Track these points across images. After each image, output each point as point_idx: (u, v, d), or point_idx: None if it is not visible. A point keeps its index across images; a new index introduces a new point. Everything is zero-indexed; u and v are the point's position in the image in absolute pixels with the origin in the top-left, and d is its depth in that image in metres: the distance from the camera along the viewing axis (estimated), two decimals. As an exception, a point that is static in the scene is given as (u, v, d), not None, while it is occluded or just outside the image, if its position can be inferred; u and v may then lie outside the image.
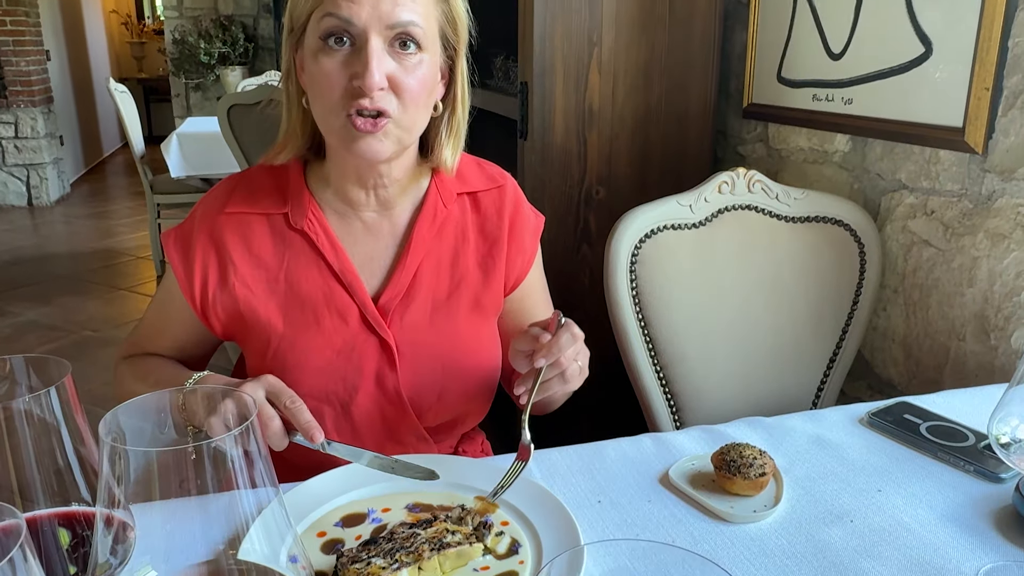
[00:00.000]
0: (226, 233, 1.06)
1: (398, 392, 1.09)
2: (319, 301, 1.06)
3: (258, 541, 0.56)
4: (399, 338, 1.08)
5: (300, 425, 0.89)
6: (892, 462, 1.04)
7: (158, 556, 0.55)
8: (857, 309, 1.56)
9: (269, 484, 0.55)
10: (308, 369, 1.05)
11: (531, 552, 0.85)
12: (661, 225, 1.47)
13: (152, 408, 0.53)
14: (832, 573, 0.83)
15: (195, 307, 1.07)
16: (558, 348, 0.95)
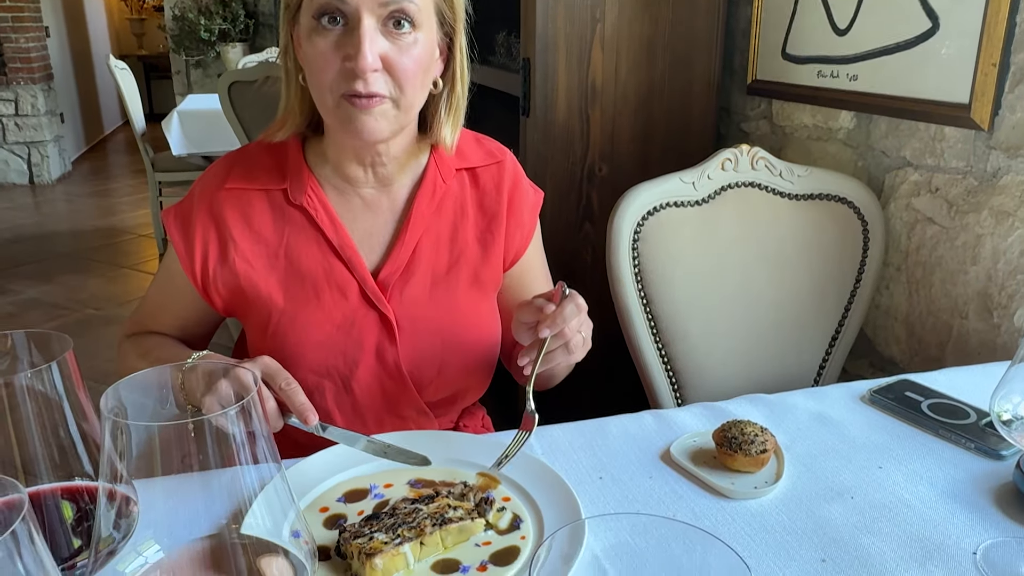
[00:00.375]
0: (226, 209, 1.06)
1: (398, 366, 1.09)
2: (319, 276, 1.06)
3: (261, 516, 0.56)
4: (399, 313, 1.08)
5: (295, 407, 0.89)
6: (893, 439, 1.04)
7: (161, 531, 0.55)
8: (860, 287, 1.55)
9: (271, 460, 0.55)
10: (308, 344, 1.06)
11: (532, 528, 0.85)
12: (664, 202, 1.46)
13: (154, 384, 0.53)
14: (832, 549, 0.83)
15: (196, 284, 1.07)
16: (562, 319, 0.95)
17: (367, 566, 0.75)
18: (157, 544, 0.55)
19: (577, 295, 0.99)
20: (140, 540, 0.55)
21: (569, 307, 0.96)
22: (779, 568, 0.80)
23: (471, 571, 0.78)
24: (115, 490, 0.53)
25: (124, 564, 0.54)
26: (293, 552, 0.58)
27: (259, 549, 0.57)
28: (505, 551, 0.81)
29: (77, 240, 5.13)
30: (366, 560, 0.75)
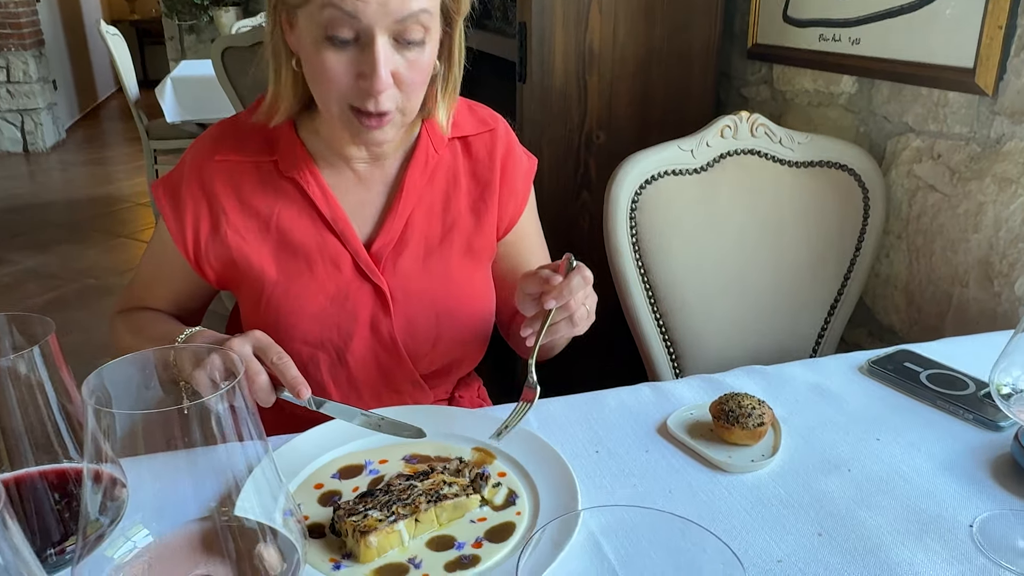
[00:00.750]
0: (216, 182, 1.04)
1: (392, 338, 1.08)
2: (311, 249, 1.05)
3: (251, 498, 0.56)
4: (392, 284, 1.07)
5: (287, 381, 0.88)
6: (891, 411, 1.03)
7: (149, 515, 0.55)
8: (860, 255, 1.54)
9: (257, 438, 0.54)
10: (302, 316, 1.05)
11: (528, 503, 0.85)
12: (662, 171, 1.44)
13: (137, 366, 0.52)
14: (828, 523, 0.83)
15: (188, 257, 1.06)
16: (569, 291, 0.93)
17: (362, 544, 0.75)
18: (146, 528, 0.55)
19: (584, 267, 0.97)
20: (129, 525, 0.54)
21: (576, 279, 0.94)
22: (775, 542, 0.80)
23: (466, 547, 0.78)
24: (101, 471, 0.52)
25: (113, 550, 0.53)
26: (284, 533, 0.57)
27: (249, 531, 0.56)
28: (500, 527, 0.81)
29: (73, 209, 5.10)
30: (361, 538, 0.75)
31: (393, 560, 0.76)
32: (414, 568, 0.75)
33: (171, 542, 0.55)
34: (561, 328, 0.97)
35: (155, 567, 0.54)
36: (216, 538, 0.55)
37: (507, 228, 1.16)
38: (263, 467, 0.55)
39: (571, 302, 0.94)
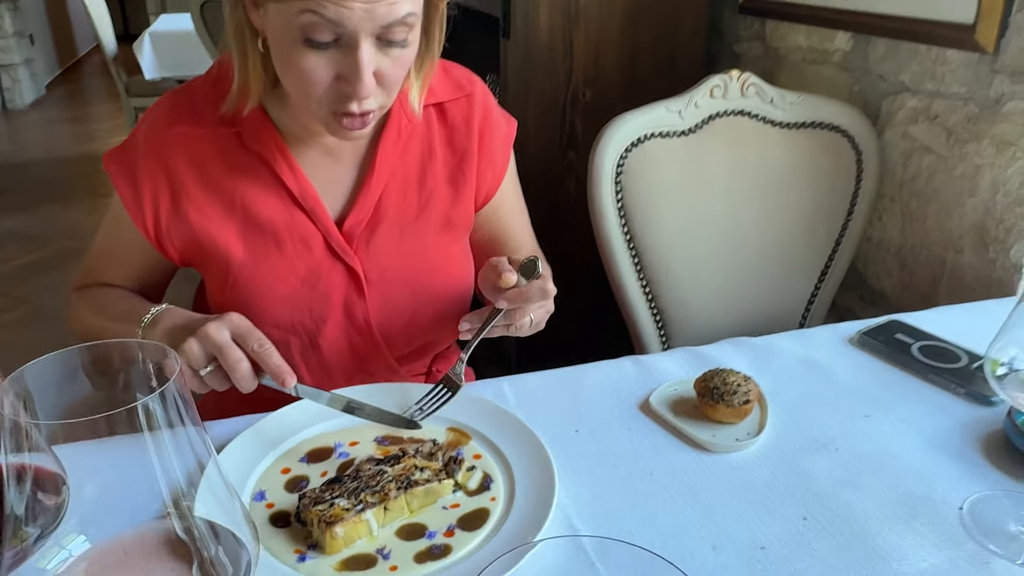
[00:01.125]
0: (174, 155, 0.98)
1: (367, 321, 1.04)
2: (280, 227, 0.99)
3: (195, 497, 0.52)
4: (366, 265, 1.02)
5: (270, 369, 0.84)
6: (881, 385, 1.00)
7: (86, 519, 0.51)
8: (852, 219, 1.50)
9: (198, 434, 0.50)
10: (272, 298, 1.00)
11: (503, 488, 0.81)
12: (648, 133, 1.39)
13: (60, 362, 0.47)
14: (814, 505, 0.80)
15: (149, 237, 1.00)
16: (525, 299, 0.91)
17: (327, 535, 0.72)
18: (83, 535, 0.51)
19: (548, 279, 0.94)
20: (63, 531, 0.51)
21: (535, 290, 0.92)
22: (758, 527, 0.77)
23: (437, 536, 0.75)
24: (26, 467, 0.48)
25: (45, 561, 0.50)
26: (234, 533, 0.54)
27: (196, 533, 0.52)
28: (474, 514, 0.78)
29: (54, 168, 4.99)
30: (326, 528, 0.72)
31: (361, 551, 0.73)
32: (383, 559, 0.72)
33: (111, 548, 0.51)
34: (497, 331, 0.94)
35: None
36: (160, 542, 0.52)
37: (486, 198, 1.11)
38: (207, 463, 0.51)
39: (519, 312, 0.92)
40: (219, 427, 0.91)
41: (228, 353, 0.83)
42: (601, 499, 0.81)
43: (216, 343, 0.83)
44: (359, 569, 0.71)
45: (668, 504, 0.81)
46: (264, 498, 0.79)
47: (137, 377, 0.48)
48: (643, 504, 0.81)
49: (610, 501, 0.81)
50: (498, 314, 0.92)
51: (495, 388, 0.99)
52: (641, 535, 0.76)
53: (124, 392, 0.48)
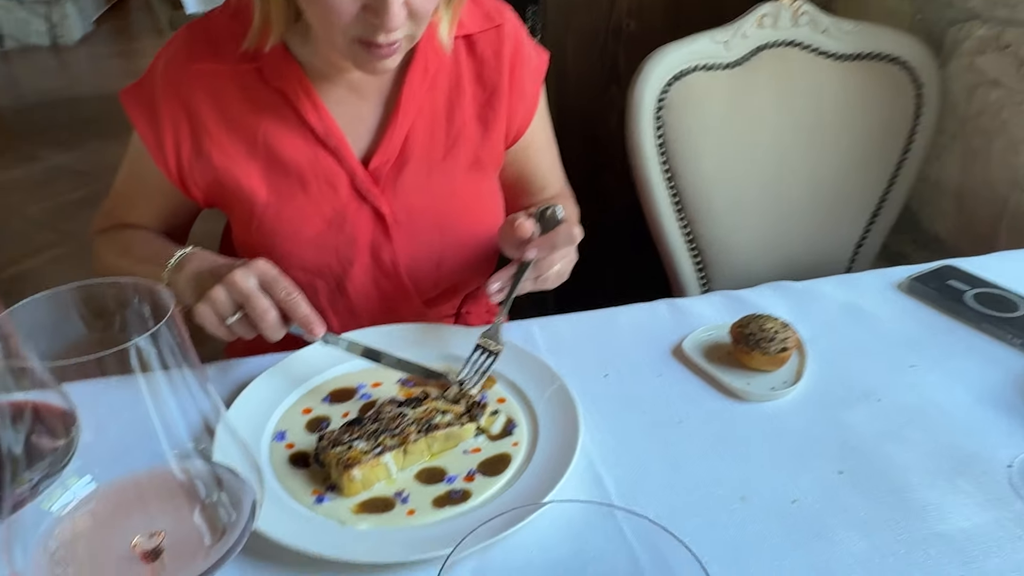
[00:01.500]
0: (194, 93, 0.94)
1: (395, 264, 1.01)
2: (304, 167, 0.96)
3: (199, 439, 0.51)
4: (393, 206, 0.99)
5: (299, 319, 0.81)
6: (930, 333, 0.95)
7: (90, 459, 0.50)
8: (908, 158, 1.41)
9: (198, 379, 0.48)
10: (297, 241, 0.97)
11: (527, 433, 0.79)
12: (692, 65, 1.31)
13: (53, 303, 0.46)
14: (851, 459, 0.76)
15: (172, 177, 0.97)
16: (552, 246, 0.88)
17: (345, 477, 0.71)
18: (88, 475, 0.51)
19: (573, 223, 0.90)
20: (66, 474, 0.50)
21: (562, 235, 0.88)
22: (791, 480, 0.74)
23: (457, 481, 0.73)
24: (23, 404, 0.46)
25: (50, 502, 0.49)
26: (240, 477, 0.52)
27: (201, 475, 0.51)
28: (495, 459, 0.76)
29: (103, 104, 5.01)
30: (344, 471, 0.71)
31: (379, 494, 0.72)
32: (401, 503, 0.71)
33: (115, 491, 0.51)
34: (526, 286, 0.90)
35: (102, 519, 0.50)
36: (163, 485, 0.51)
37: (516, 136, 1.06)
38: (206, 406, 0.50)
39: (546, 262, 0.89)
40: (244, 366, 0.91)
41: (255, 302, 0.80)
42: (627, 446, 0.79)
43: (243, 291, 0.80)
44: (377, 512, 0.70)
45: (697, 453, 0.78)
46: (284, 438, 0.79)
47: (133, 319, 0.47)
48: (670, 452, 0.78)
49: (636, 448, 0.79)
50: (526, 267, 0.88)
51: (524, 330, 0.97)
52: (667, 484, 0.74)
53: (120, 334, 0.47)
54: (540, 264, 0.89)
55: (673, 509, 0.71)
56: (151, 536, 0.50)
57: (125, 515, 0.50)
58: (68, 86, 5.44)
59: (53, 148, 4.24)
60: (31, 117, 4.75)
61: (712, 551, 0.67)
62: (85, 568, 0.49)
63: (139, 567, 0.49)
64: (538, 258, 0.88)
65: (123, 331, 0.47)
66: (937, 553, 0.66)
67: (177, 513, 0.50)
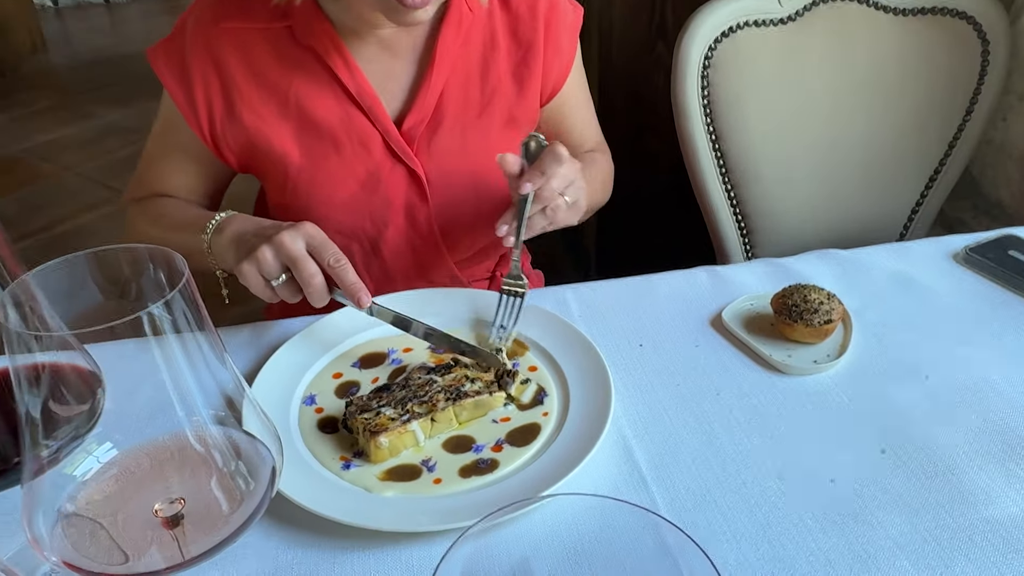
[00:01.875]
0: (224, 51, 0.92)
1: (430, 226, 1.00)
2: (336, 128, 0.94)
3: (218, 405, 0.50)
4: (428, 166, 0.97)
5: (346, 287, 0.80)
6: (987, 307, 0.90)
7: (110, 425, 0.50)
8: (971, 119, 1.34)
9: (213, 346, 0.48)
10: (332, 204, 0.96)
11: (557, 402, 0.78)
12: (742, 21, 1.26)
13: (67, 269, 0.45)
14: (895, 438, 0.73)
15: (205, 139, 0.96)
16: (542, 171, 0.85)
17: (372, 444, 0.70)
18: (108, 442, 0.51)
19: (558, 144, 0.87)
20: (89, 438, 0.50)
21: (548, 157, 0.85)
22: (830, 457, 0.71)
23: (485, 451, 0.73)
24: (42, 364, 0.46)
25: (72, 467, 0.49)
26: (259, 442, 0.52)
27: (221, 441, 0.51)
28: (524, 429, 0.75)
29: (154, 62, 5.08)
30: (371, 438, 0.70)
31: (406, 462, 0.72)
32: (427, 471, 0.71)
33: (136, 457, 0.51)
34: (536, 221, 0.87)
35: (124, 485, 0.50)
36: (180, 453, 0.51)
37: (551, 93, 1.03)
38: (223, 374, 0.49)
39: (544, 190, 0.85)
40: (279, 327, 0.91)
41: (304, 266, 0.79)
42: (661, 418, 0.77)
43: (291, 254, 0.79)
44: (403, 480, 0.70)
45: (733, 427, 0.75)
46: (314, 402, 0.79)
47: (149, 286, 0.46)
48: (705, 426, 0.76)
49: (670, 421, 0.77)
50: (525, 201, 0.86)
51: (558, 297, 0.95)
52: (700, 458, 0.72)
53: (136, 302, 0.46)
54: (541, 195, 0.86)
55: (706, 485, 0.69)
56: (171, 502, 0.50)
57: (146, 481, 0.51)
58: (120, 43, 5.51)
59: (106, 105, 4.30)
60: (85, 74, 4.83)
61: (744, 530, 0.65)
62: (108, 533, 0.49)
63: (161, 532, 0.49)
64: (533, 188, 0.85)
65: (139, 299, 0.46)
66: (983, 540, 0.63)
67: (196, 480, 0.50)
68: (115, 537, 0.49)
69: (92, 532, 0.48)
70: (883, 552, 0.63)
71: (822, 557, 0.62)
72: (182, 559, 0.47)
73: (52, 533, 0.46)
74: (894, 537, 0.64)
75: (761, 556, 0.63)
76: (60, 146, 3.79)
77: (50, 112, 4.24)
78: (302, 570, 0.63)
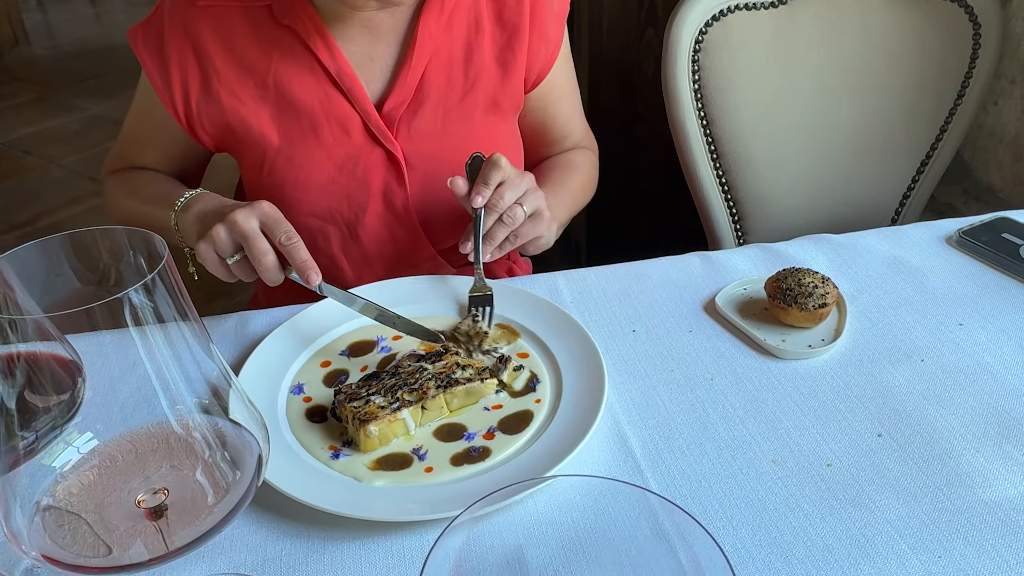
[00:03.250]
0: (203, 30, 0.91)
1: (408, 211, 0.98)
2: (316, 110, 0.93)
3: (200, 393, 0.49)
4: (407, 150, 0.96)
5: (296, 264, 0.80)
6: (980, 290, 0.90)
7: (89, 417, 0.49)
8: (962, 104, 1.33)
9: (196, 330, 0.46)
10: (309, 187, 0.95)
11: (550, 389, 0.77)
12: (732, 5, 1.24)
13: (42, 255, 0.44)
14: (891, 421, 0.72)
15: (180, 120, 0.95)
16: (484, 181, 0.85)
17: (362, 432, 0.69)
18: (89, 432, 0.49)
19: (501, 156, 0.87)
20: (68, 429, 0.49)
21: (488, 168, 0.86)
22: (826, 441, 0.71)
23: (477, 438, 0.71)
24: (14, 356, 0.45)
25: (51, 458, 0.48)
26: (243, 429, 0.50)
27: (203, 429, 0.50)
28: (516, 416, 0.74)
29: (138, 53, 5.02)
30: (361, 426, 0.69)
31: (397, 450, 0.70)
32: (418, 460, 0.69)
33: (117, 448, 0.49)
34: (496, 232, 0.87)
35: (106, 476, 0.49)
36: (163, 442, 0.49)
37: (536, 80, 1.01)
38: (206, 362, 0.48)
39: (494, 199, 0.86)
40: (264, 317, 0.89)
41: (255, 243, 0.79)
42: (654, 404, 0.76)
43: (243, 232, 0.79)
44: (393, 469, 0.68)
45: (728, 412, 0.75)
46: (302, 391, 0.77)
47: (128, 272, 0.44)
48: (700, 411, 0.75)
49: (664, 407, 0.76)
50: (479, 215, 0.87)
51: (549, 283, 0.94)
52: (695, 444, 0.71)
53: (115, 288, 0.45)
54: (494, 205, 0.86)
55: (700, 471, 0.68)
56: (155, 493, 0.48)
57: (128, 472, 0.49)
58: (104, 34, 5.45)
59: (90, 97, 4.25)
60: (68, 66, 4.77)
61: (740, 516, 0.64)
62: (89, 525, 0.48)
63: (144, 524, 0.48)
64: (484, 201, 0.85)
65: (118, 285, 0.45)
66: (981, 522, 0.62)
67: (179, 470, 0.49)
68: (96, 529, 0.47)
69: (72, 525, 0.47)
70: (881, 536, 0.62)
71: (819, 542, 0.62)
72: (166, 550, 0.45)
73: (30, 527, 0.45)
74: (892, 521, 0.63)
75: (758, 542, 0.62)
76: (44, 139, 3.75)
77: (33, 104, 4.19)
78: (292, 561, 0.62)
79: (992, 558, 0.60)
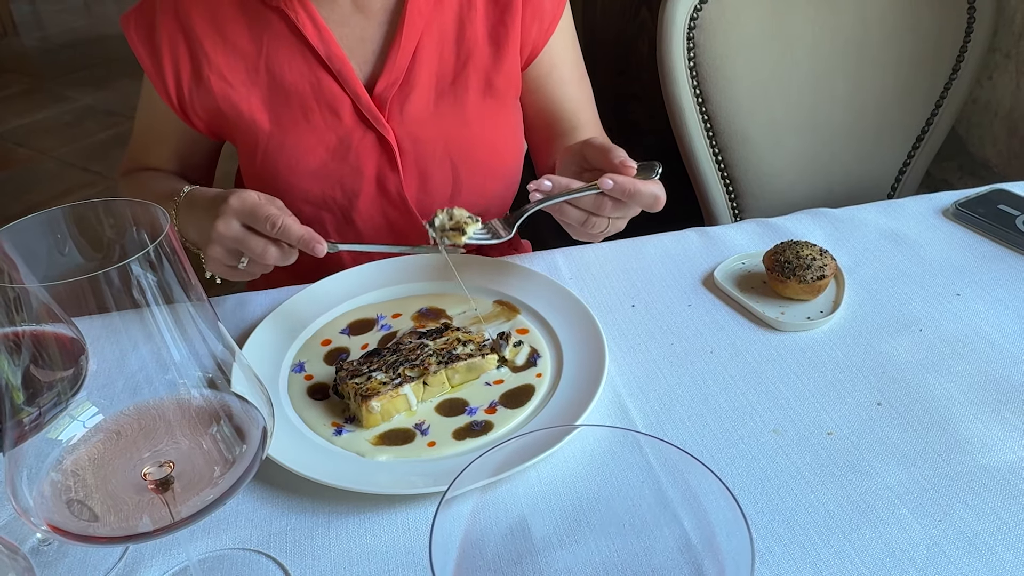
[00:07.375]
0: (193, 15, 0.91)
1: (402, 196, 0.98)
2: (306, 93, 0.93)
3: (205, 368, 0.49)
4: (400, 133, 0.95)
5: (295, 243, 0.77)
6: (978, 261, 0.90)
7: (93, 391, 0.49)
8: (957, 78, 1.33)
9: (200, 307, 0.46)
10: (301, 172, 0.94)
11: (551, 364, 0.77)
12: (727, -19, 1.24)
13: (46, 227, 0.43)
14: (891, 390, 0.73)
15: (172, 105, 0.95)
16: (631, 194, 0.77)
17: (363, 409, 0.69)
18: (94, 406, 0.49)
19: (660, 186, 0.79)
20: (73, 403, 0.49)
21: (649, 189, 0.77)
22: (826, 410, 0.71)
23: (478, 413, 0.72)
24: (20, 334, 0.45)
25: (57, 431, 0.48)
26: (248, 403, 0.51)
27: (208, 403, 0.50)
28: (518, 391, 0.74)
29: (129, 43, 4.99)
30: (363, 402, 0.69)
31: (399, 426, 0.71)
32: (421, 435, 0.70)
33: (122, 421, 0.49)
34: (569, 212, 0.81)
35: (112, 449, 0.49)
36: (169, 415, 0.49)
37: (531, 57, 1.00)
38: (210, 335, 0.48)
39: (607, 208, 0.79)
40: (264, 297, 0.89)
41: (248, 245, 0.76)
42: (655, 377, 0.76)
43: (233, 240, 0.76)
44: (396, 444, 0.69)
45: (728, 384, 0.75)
46: (303, 369, 0.77)
47: (132, 247, 0.44)
48: (700, 384, 0.75)
49: (665, 379, 0.76)
50: (590, 191, 0.78)
51: (548, 260, 0.94)
52: (696, 415, 0.71)
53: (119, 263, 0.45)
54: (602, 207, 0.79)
55: (702, 441, 0.69)
56: (160, 466, 0.49)
57: (133, 445, 0.49)
58: (95, 24, 5.41)
59: (82, 88, 4.23)
60: (59, 57, 4.74)
61: (742, 484, 0.64)
62: (96, 498, 0.48)
63: (150, 497, 0.48)
64: (612, 191, 0.77)
65: (121, 261, 0.45)
66: (980, 487, 0.63)
67: (185, 443, 0.49)
68: (103, 501, 0.48)
69: (79, 497, 0.47)
70: (882, 502, 0.62)
71: (821, 509, 0.62)
72: (172, 520, 0.45)
73: (38, 500, 0.45)
74: (892, 487, 0.63)
75: (760, 510, 0.62)
76: (36, 131, 3.73)
77: (24, 96, 4.17)
78: (297, 535, 0.62)
79: (992, 520, 0.60)
